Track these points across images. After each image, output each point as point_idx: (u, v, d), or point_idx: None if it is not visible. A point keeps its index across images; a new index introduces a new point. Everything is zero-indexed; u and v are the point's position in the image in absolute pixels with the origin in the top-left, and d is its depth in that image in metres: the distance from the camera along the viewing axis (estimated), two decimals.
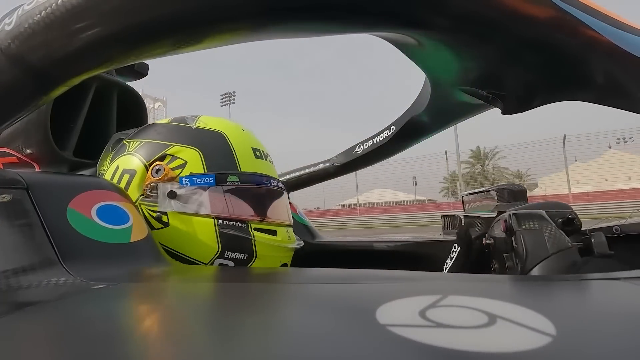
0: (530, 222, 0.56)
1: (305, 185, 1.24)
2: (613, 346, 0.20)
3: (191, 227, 0.59)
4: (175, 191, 0.59)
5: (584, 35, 0.37)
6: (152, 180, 0.61)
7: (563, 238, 0.54)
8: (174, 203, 0.59)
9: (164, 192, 0.59)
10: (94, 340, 0.23)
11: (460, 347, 0.19)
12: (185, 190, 0.60)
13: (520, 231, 0.55)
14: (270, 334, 0.24)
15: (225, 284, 0.40)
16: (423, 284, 0.34)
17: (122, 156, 0.65)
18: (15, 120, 0.47)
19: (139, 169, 0.62)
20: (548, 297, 0.30)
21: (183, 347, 0.22)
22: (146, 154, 0.63)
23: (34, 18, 0.35)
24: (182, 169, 0.61)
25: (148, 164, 0.62)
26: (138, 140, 0.65)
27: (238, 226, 0.61)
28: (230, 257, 0.60)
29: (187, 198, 0.59)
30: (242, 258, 0.61)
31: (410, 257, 0.92)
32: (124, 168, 0.63)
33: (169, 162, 0.61)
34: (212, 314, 0.29)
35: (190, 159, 0.61)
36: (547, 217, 0.57)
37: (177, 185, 0.60)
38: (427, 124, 0.87)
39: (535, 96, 0.52)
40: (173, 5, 0.33)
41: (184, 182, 0.60)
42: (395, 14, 0.38)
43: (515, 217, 0.57)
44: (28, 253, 0.41)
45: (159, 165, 0.61)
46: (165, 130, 0.66)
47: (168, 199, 0.59)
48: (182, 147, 0.62)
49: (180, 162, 0.61)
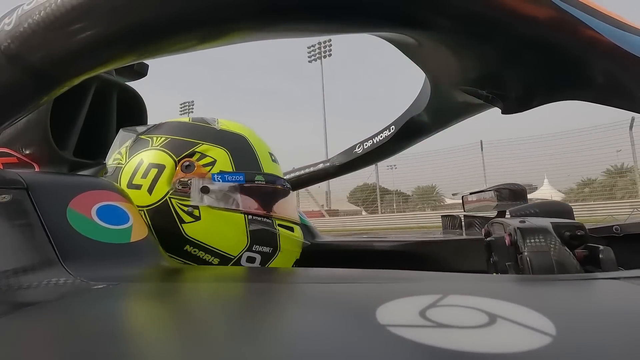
0: (536, 238, 0.54)
1: (305, 185, 1.24)
2: (613, 346, 0.20)
3: (222, 222, 0.63)
4: (208, 187, 0.62)
5: (584, 35, 0.37)
6: (183, 175, 0.63)
7: (571, 260, 0.52)
8: (206, 198, 0.62)
9: (197, 187, 0.62)
10: (94, 340, 0.23)
11: (460, 347, 0.19)
12: (217, 186, 0.63)
13: (527, 254, 0.52)
14: (269, 333, 0.24)
15: (225, 284, 0.40)
16: (423, 284, 0.34)
17: (146, 150, 0.65)
18: (15, 120, 0.47)
19: (169, 163, 0.63)
20: (548, 297, 0.30)
21: (183, 347, 0.22)
22: (175, 150, 0.64)
23: (33, 18, 0.35)
24: (212, 166, 0.64)
25: (177, 159, 0.64)
26: (163, 137, 0.67)
27: (265, 221, 0.66)
28: (258, 250, 0.65)
29: (220, 194, 0.63)
30: (268, 251, 0.66)
31: (410, 257, 0.93)
32: (151, 162, 0.64)
33: (198, 159, 0.64)
34: (212, 313, 0.29)
35: (219, 158, 0.65)
36: (553, 231, 0.55)
37: (209, 181, 0.63)
38: (427, 124, 0.87)
39: (535, 96, 0.52)
40: (173, 5, 0.33)
41: (215, 179, 0.63)
42: (395, 14, 0.38)
43: (520, 232, 0.55)
44: (28, 253, 0.41)
45: (188, 162, 0.63)
46: (191, 129, 0.68)
47: (201, 194, 0.62)
48: (211, 145, 0.65)
49: (210, 159, 0.64)
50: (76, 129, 0.80)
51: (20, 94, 0.42)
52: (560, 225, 0.59)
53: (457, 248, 0.90)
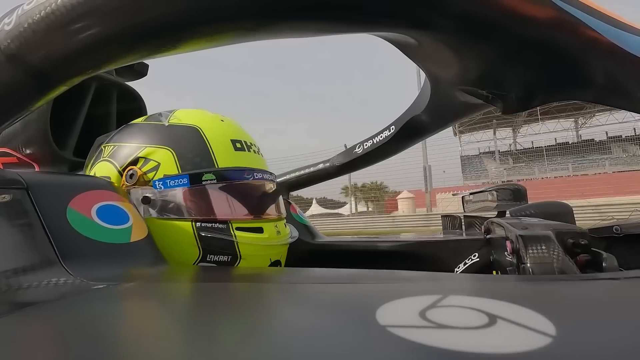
0: (538, 247, 0.53)
1: (305, 185, 1.24)
2: (613, 346, 0.20)
3: (169, 233, 0.57)
4: (148, 196, 0.57)
5: (584, 35, 0.37)
6: (127, 185, 0.59)
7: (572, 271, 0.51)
8: (149, 209, 0.57)
9: (137, 198, 0.57)
10: (94, 340, 0.23)
11: (460, 347, 0.19)
12: (159, 194, 0.57)
13: (530, 265, 0.52)
14: (269, 334, 0.24)
15: (225, 284, 0.40)
16: (423, 284, 0.34)
17: (98, 163, 0.63)
18: (15, 120, 0.47)
19: (114, 175, 0.60)
20: (548, 297, 0.30)
21: (183, 347, 0.22)
22: (119, 159, 0.60)
23: (33, 18, 0.35)
24: (156, 171, 0.58)
25: (122, 169, 0.60)
26: (112, 145, 0.63)
27: (218, 227, 0.58)
28: (213, 260, 0.58)
29: (162, 202, 0.57)
30: (226, 260, 0.59)
31: (410, 257, 0.92)
32: (100, 175, 0.61)
33: (142, 165, 0.59)
34: (212, 314, 0.29)
35: (163, 160, 0.58)
36: (555, 240, 0.55)
37: (150, 190, 0.57)
38: (427, 123, 0.87)
39: (535, 96, 0.52)
40: (173, 5, 0.33)
41: (157, 186, 0.57)
42: (395, 14, 0.38)
43: (522, 239, 0.55)
44: (28, 253, 0.41)
45: (132, 170, 0.59)
46: (138, 131, 0.63)
47: (143, 205, 0.57)
48: (155, 147, 0.59)
49: (154, 164, 0.58)
50: (76, 129, 0.80)
51: (20, 94, 0.42)
52: (563, 232, 0.58)
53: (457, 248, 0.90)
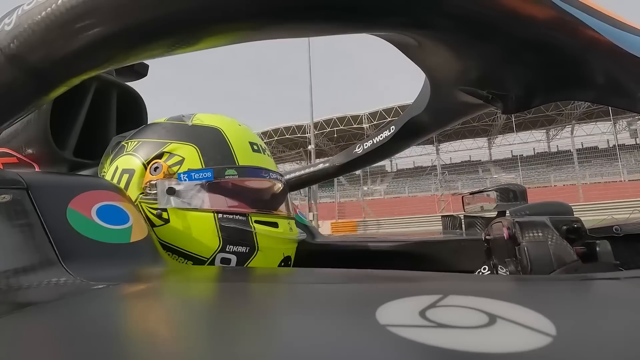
0: (534, 231, 0.55)
1: (305, 185, 1.24)
2: (613, 346, 0.20)
3: (192, 223, 0.60)
4: (173, 187, 0.60)
5: (584, 35, 0.37)
6: (151, 178, 0.61)
7: (568, 250, 0.53)
8: (173, 199, 0.60)
9: (163, 189, 0.60)
10: (94, 340, 0.23)
11: (460, 347, 0.19)
12: (184, 186, 0.60)
13: (524, 244, 0.54)
14: (269, 334, 0.24)
15: (225, 284, 0.40)
16: (423, 284, 0.34)
17: (121, 157, 0.66)
18: (15, 120, 0.47)
19: (138, 167, 0.63)
20: (548, 297, 0.30)
21: (183, 347, 0.22)
22: (144, 153, 0.64)
23: (33, 18, 0.35)
24: (180, 165, 0.62)
25: (146, 162, 0.63)
26: (136, 140, 0.66)
27: (238, 219, 0.61)
28: (232, 251, 0.61)
29: (186, 194, 0.60)
30: (244, 251, 0.61)
31: (410, 257, 0.93)
32: (123, 168, 0.64)
33: (166, 159, 0.62)
34: (212, 314, 0.29)
35: (188, 156, 0.62)
36: (551, 225, 0.56)
37: (175, 182, 0.60)
38: (427, 124, 0.87)
39: (535, 96, 0.52)
40: (173, 5, 0.33)
41: (182, 178, 0.61)
42: (395, 14, 0.38)
43: (519, 225, 0.56)
44: (28, 253, 0.41)
45: (157, 163, 0.62)
46: (162, 129, 0.67)
47: (167, 196, 0.60)
48: (180, 144, 0.63)
49: (178, 158, 0.62)
50: (76, 129, 0.80)
51: (20, 94, 0.42)
52: (558, 219, 0.60)
53: (457, 248, 0.90)
